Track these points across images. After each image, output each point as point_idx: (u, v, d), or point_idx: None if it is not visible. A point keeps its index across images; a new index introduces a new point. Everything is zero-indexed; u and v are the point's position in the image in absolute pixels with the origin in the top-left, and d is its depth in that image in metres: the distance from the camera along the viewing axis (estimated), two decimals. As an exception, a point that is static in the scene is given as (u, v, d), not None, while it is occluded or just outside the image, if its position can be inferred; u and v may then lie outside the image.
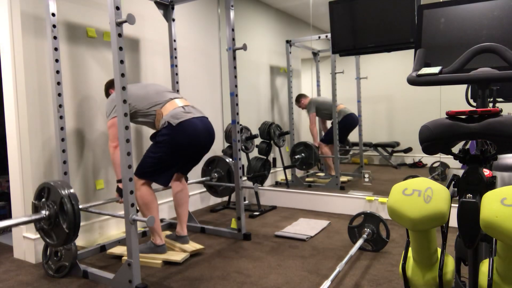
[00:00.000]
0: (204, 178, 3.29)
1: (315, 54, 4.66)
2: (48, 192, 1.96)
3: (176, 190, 2.59)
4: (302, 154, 4.32)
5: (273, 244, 2.65)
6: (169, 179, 2.37)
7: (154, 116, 2.34)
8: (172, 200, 3.42)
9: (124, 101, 1.94)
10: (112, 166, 2.92)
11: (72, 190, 1.94)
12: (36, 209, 2.01)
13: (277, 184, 4.44)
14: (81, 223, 2.70)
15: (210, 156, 3.36)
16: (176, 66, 3.07)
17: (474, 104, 2.45)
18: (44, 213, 1.95)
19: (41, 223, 1.99)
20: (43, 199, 1.97)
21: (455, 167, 3.77)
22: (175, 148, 2.27)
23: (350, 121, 4.34)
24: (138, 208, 2.28)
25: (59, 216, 1.92)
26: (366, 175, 3.87)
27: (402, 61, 4.10)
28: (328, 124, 4.56)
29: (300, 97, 4.59)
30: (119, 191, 2.37)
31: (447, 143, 1.08)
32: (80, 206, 2.04)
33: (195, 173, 3.71)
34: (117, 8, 1.89)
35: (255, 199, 3.88)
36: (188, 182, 2.77)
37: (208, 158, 3.35)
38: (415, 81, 1.19)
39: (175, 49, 3.04)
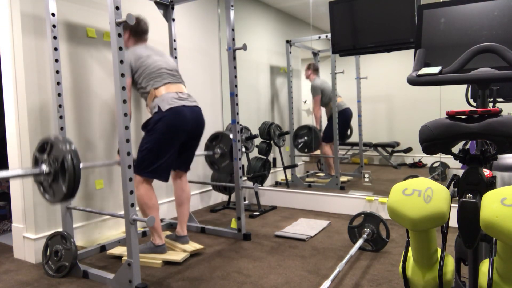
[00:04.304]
0: (206, 152, 3.25)
1: (315, 54, 4.66)
2: (51, 147, 1.89)
3: (177, 189, 2.59)
4: (305, 138, 4.31)
5: (273, 244, 2.65)
6: (168, 173, 2.37)
7: (148, 93, 2.36)
8: (172, 199, 3.42)
9: (124, 101, 1.94)
10: (112, 165, 2.92)
11: (74, 147, 1.87)
12: (36, 162, 1.95)
13: (277, 184, 4.44)
14: (81, 223, 2.70)
15: (214, 132, 3.30)
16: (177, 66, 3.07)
17: (474, 104, 2.45)
18: (44, 168, 1.89)
19: (40, 178, 1.93)
20: (45, 154, 1.91)
21: (455, 167, 3.77)
22: (165, 134, 2.28)
23: (346, 115, 4.34)
24: (138, 208, 2.28)
25: (59, 173, 1.86)
26: (366, 175, 3.87)
27: (402, 61, 4.10)
28: (323, 111, 4.50)
29: (312, 67, 4.48)
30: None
31: (447, 143, 1.08)
32: (81, 165, 1.96)
33: (196, 173, 3.72)
34: (117, 8, 1.89)
35: (255, 199, 3.88)
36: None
37: (212, 134, 3.26)
38: (415, 81, 1.19)
39: (175, 49, 3.04)
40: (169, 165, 2.38)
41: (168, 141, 2.31)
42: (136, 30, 2.49)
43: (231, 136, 3.14)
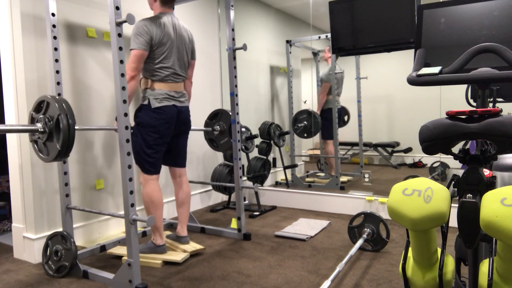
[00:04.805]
0: (205, 128, 3.25)
1: (315, 54, 4.66)
2: (47, 107, 1.92)
3: (177, 189, 2.59)
4: (305, 122, 4.31)
5: (273, 244, 2.65)
6: (159, 165, 2.40)
7: (145, 79, 2.33)
8: (172, 199, 3.42)
9: (124, 101, 1.94)
10: (111, 163, 2.92)
11: (69, 107, 1.90)
12: (32, 120, 1.99)
13: (277, 184, 4.44)
14: (81, 223, 2.70)
15: (215, 109, 3.28)
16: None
17: (474, 104, 2.45)
18: (39, 125, 1.92)
19: (36, 135, 1.96)
20: (41, 113, 1.94)
21: (455, 167, 3.77)
22: (153, 130, 2.30)
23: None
24: (143, 205, 2.27)
25: (53, 132, 1.89)
26: (366, 175, 3.87)
27: (402, 61, 4.10)
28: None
29: (330, 49, 4.41)
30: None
31: (447, 143, 1.08)
32: (77, 127, 2.00)
33: (196, 173, 3.72)
34: (117, 8, 1.89)
35: (255, 199, 3.88)
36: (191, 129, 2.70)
37: (212, 111, 3.26)
38: (415, 81, 1.19)
39: (175, 49, 3.04)
40: (161, 157, 2.41)
41: (157, 136, 2.33)
42: None
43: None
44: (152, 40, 2.24)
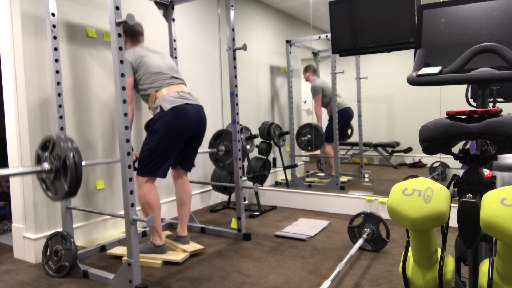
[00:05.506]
0: (210, 150, 3.27)
1: (315, 54, 4.66)
2: (53, 146, 1.91)
3: (178, 189, 2.59)
4: (308, 136, 4.33)
5: (273, 244, 2.65)
6: (166, 170, 2.38)
7: (149, 95, 2.36)
8: (172, 199, 3.42)
9: (124, 101, 1.94)
10: (112, 164, 2.92)
11: (75, 145, 1.89)
12: (39, 159, 1.98)
13: (277, 184, 4.44)
14: (81, 223, 2.70)
15: (218, 130, 3.31)
16: (176, 66, 3.07)
17: (474, 104, 2.45)
18: (46, 166, 1.92)
19: (43, 175, 1.96)
20: (47, 152, 1.93)
21: (455, 167, 3.77)
22: (167, 133, 2.28)
23: (347, 115, 4.35)
24: (140, 207, 2.28)
25: (61, 171, 1.88)
26: (366, 175, 3.87)
27: (402, 61, 4.10)
28: (324, 111, 4.52)
29: (309, 68, 4.52)
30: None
31: (447, 143, 1.08)
32: (84, 163, 2.00)
33: (196, 173, 3.71)
34: (117, 8, 1.89)
35: (255, 199, 3.88)
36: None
37: (215, 132, 3.29)
38: (415, 81, 1.19)
39: (175, 49, 3.04)
40: (171, 164, 2.39)
41: (171, 140, 2.31)
42: (131, 31, 2.48)
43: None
44: (132, 65, 2.35)
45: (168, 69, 2.42)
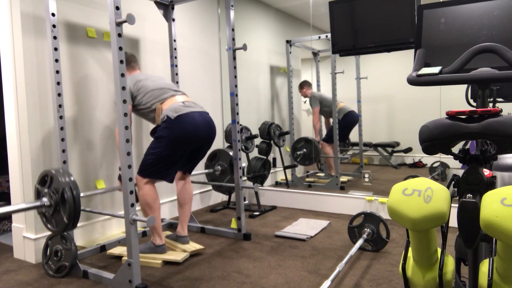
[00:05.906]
0: (207, 170, 3.32)
1: (315, 54, 4.66)
2: (51, 180, 1.97)
3: (180, 189, 2.59)
4: (304, 150, 4.32)
5: (273, 244, 2.65)
6: (173, 176, 2.38)
7: (155, 111, 2.36)
8: (172, 199, 3.42)
9: (124, 101, 1.94)
10: (112, 163, 2.92)
11: (72, 178, 1.94)
12: (38, 194, 2.03)
13: (277, 184, 4.44)
14: (81, 223, 2.70)
15: (212, 151, 3.38)
16: (176, 66, 3.07)
17: (474, 104, 2.45)
18: (45, 200, 1.97)
19: (42, 209, 2.01)
20: (46, 186, 1.99)
21: (455, 167, 3.77)
22: (174, 142, 2.27)
23: (350, 119, 4.35)
24: (140, 207, 2.28)
25: (59, 205, 1.94)
26: (366, 175, 3.87)
27: (402, 61, 4.10)
28: (331, 121, 4.56)
29: (304, 84, 4.57)
30: (121, 178, 2.37)
31: (447, 143, 1.08)
32: (82, 194, 2.05)
33: (195, 173, 3.71)
34: (117, 8, 1.89)
35: (255, 199, 3.88)
36: (192, 174, 2.75)
37: (210, 153, 3.37)
38: (415, 81, 1.19)
39: (175, 49, 3.04)
40: (175, 170, 2.39)
41: (178, 149, 2.30)
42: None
43: (230, 153, 3.19)
44: (131, 90, 2.38)
45: (169, 86, 2.45)
